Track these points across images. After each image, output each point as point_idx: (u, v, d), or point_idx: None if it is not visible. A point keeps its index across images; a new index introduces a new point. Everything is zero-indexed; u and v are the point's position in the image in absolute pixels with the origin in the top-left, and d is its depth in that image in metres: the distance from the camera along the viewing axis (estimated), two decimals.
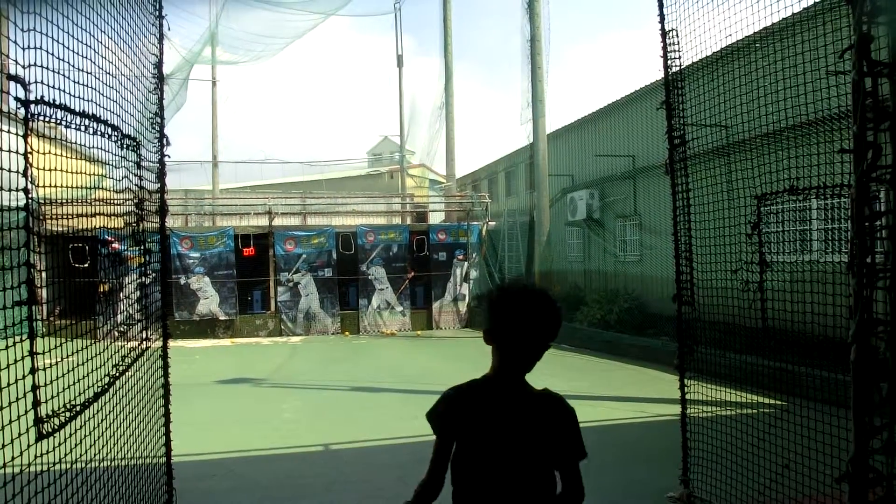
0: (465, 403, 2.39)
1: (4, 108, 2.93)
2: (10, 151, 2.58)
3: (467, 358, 15.66)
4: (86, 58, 3.30)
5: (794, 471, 4.58)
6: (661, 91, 5.74)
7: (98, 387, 3.44)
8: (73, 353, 3.31)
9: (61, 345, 3.21)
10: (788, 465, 4.61)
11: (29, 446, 2.64)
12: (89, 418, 3.39)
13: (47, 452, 2.80)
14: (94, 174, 4.58)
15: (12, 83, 2.64)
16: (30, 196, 2.66)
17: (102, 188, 4.31)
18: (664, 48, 5.61)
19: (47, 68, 2.83)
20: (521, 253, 21.07)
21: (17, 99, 2.68)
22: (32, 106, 2.73)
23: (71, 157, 3.37)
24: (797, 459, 4.57)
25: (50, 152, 3.03)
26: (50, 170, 3.05)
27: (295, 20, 25.73)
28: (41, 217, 3.49)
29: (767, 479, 4.79)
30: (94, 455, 3.48)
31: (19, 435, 2.60)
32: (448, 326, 21.18)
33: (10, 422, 2.58)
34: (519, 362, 2.30)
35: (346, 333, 20.14)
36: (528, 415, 2.29)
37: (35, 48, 2.72)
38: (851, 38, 2.99)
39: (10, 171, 2.58)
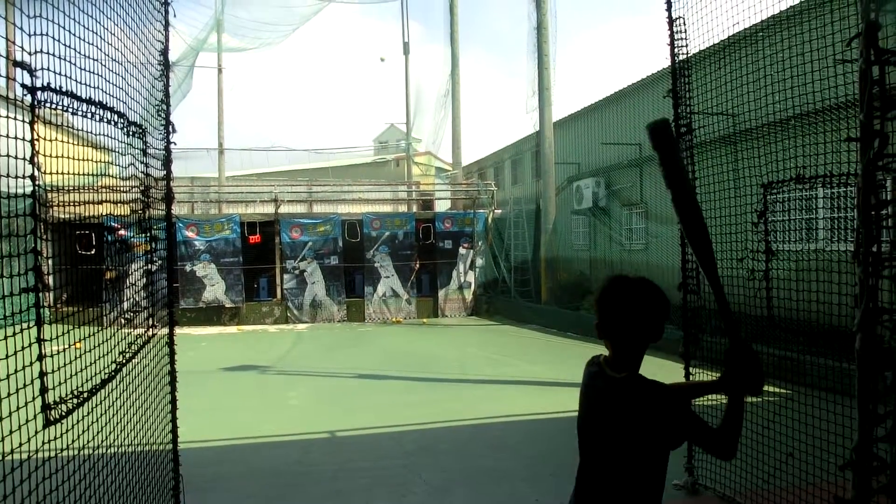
0: (584, 383, 2.49)
1: (11, 95, 2.93)
2: (16, 138, 2.59)
3: (473, 345, 15.70)
4: (92, 44, 3.30)
5: (798, 459, 4.59)
6: (668, 79, 5.72)
7: (105, 374, 3.46)
8: (79, 340, 3.33)
9: (68, 332, 3.22)
10: (792, 454, 4.62)
11: (36, 433, 2.66)
12: (96, 405, 3.41)
13: (55, 439, 2.82)
14: (100, 161, 4.59)
15: (18, 70, 2.64)
16: (36, 183, 2.67)
17: (108, 175, 4.32)
18: (671, 36, 5.58)
19: (53, 55, 2.83)
20: (527, 241, 21.05)
21: (23, 86, 2.68)
22: (39, 93, 2.74)
23: (77, 145, 3.38)
24: (801, 447, 4.58)
25: (56, 139, 3.04)
26: (56, 157, 3.05)
27: (299, 5, 25.64)
28: (48, 204, 3.51)
29: (771, 466, 4.81)
30: (102, 441, 3.50)
31: (27, 421, 2.62)
32: (454, 314, 21.21)
33: (18, 408, 2.60)
34: (624, 353, 2.37)
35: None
36: (620, 402, 2.33)
37: (41, 35, 2.72)
38: (859, 27, 2.97)
39: (16, 158, 2.58)
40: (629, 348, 2.36)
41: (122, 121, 3.77)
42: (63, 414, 2.83)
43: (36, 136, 2.68)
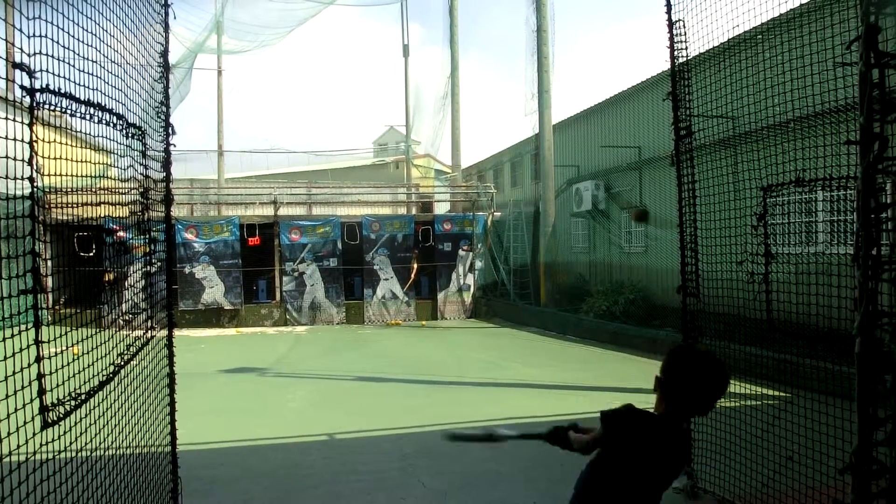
0: (642, 429, 2.58)
1: (10, 97, 2.93)
2: (15, 140, 2.58)
3: (471, 348, 15.70)
4: (91, 46, 3.30)
5: (797, 462, 4.59)
6: (668, 82, 5.72)
7: (103, 375, 3.45)
8: (78, 342, 3.32)
9: (67, 333, 3.22)
10: (792, 457, 4.61)
11: (34, 434, 2.65)
12: (94, 407, 3.40)
13: (53, 441, 2.81)
14: (99, 163, 4.59)
15: (17, 71, 2.64)
16: (35, 185, 2.66)
17: (108, 177, 4.32)
18: (671, 39, 5.59)
19: (53, 56, 2.83)
20: (527, 244, 21.05)
21: (22, 87, 2.67)
22: (38, 94, 2.73)
23: (76, 146, 3.37)
24: (801, 451, 4.57)
25: (55, 141, 3.03)
26: (55, 158, 3.05)
27: (298, 9, 25.67)
28: (46, 206, 3.50)
29: (771, 470, 4.80)
30: (100, 443, 3.50)
31: (25, 423, 2.61)
32: (453, 316, 21.21)
33: (16, 410, 2.59)
34: (684, 414, 2.57)
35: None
36: (679, 452, 2.59)
37: (40, 36, 2.72)
38: (859, 29, 2.97)
39: (15, 159, 2.58)
40: (671, 406, 2.53)
41: (121, 123, 3.76)
42: (61, 416, 2.83)
43: (35, 138, 2.68)
